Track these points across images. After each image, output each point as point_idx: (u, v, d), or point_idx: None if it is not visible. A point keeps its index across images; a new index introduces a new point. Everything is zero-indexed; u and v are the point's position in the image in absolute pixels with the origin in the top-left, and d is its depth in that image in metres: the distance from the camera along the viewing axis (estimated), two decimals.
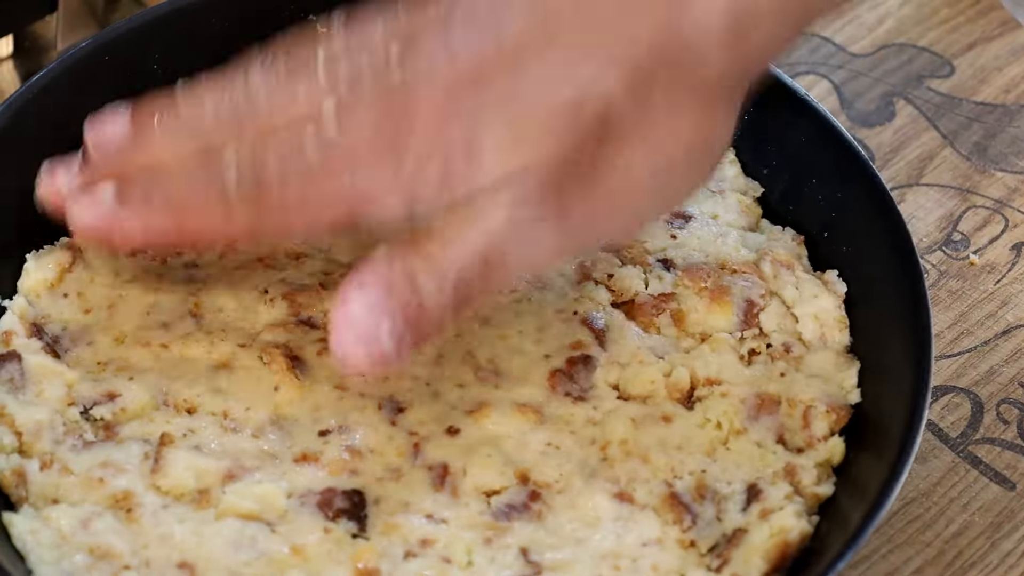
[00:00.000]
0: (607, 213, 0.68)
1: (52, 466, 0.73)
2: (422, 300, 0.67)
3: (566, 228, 0.67)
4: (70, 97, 0.83)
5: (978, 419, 0.86)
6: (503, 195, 0.66)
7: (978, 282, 0.92)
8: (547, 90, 0.65)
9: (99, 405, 0.75)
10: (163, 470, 0.73)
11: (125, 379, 0.76)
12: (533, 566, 0.71)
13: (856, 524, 0.68)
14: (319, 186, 0.68)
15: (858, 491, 0.72)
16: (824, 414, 0.76)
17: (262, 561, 0.70)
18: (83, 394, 0.76)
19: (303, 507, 0.72)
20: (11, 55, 1.02)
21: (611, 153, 0.66)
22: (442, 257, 0.67)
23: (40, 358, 0.77)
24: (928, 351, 0.74)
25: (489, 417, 0.76)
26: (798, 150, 0.85)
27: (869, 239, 0.80)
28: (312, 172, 0.68)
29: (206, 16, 0.87)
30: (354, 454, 0.74)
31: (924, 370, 0.73)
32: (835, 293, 0.81)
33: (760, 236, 0.85)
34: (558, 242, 0.68)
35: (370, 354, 0.67)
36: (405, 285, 0.67)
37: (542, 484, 0.74)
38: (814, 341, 0.79)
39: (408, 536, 0.71)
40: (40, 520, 0.71)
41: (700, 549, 0.71)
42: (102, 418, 0.75)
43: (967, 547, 0.80)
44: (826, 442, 0.75)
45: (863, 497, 0.70)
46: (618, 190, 0.67)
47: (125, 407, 0.75)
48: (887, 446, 0.71)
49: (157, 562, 0.69)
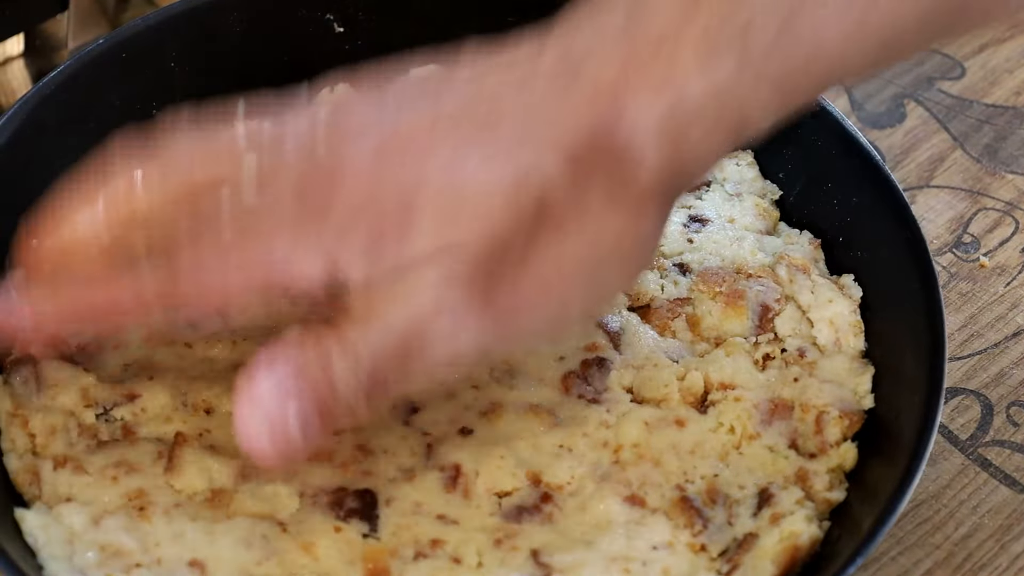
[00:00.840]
0: (534, 303, 0.65)
1: (66, 465, 0.73)
2: (334, 384, 0.64)
3: (492, 317, 0.64)
4: (87, 93, 0.84)
5: (988, 421, 0.86)
6: (432, 272, 0.63)
7: (988, 284, 0.92)
8: (486, 167, 0.63)
9: (119, 406, 0.76)
10: (177, 469, 0.73)
11: (145, 379, 0.77)
12: (543, 568, 0.71)
13: (867, 529, 0.68)
14: (235, 251, 0.64)
15: (869, 496, 0.72)
16: (837, 419, 0.76)
17: (273, 560, 0.70)
18: (103, 396, 0.76)
19: (314, 506, 0.72)
20: (22, 54, 1.02)
21: (544, 241, 0.64)
22: (360, 338, 0.64)
23: (55, 362, 0.77)
24: (941, 358, 0.73)
25: (502, 418, 0.76)
26: (813, 153, 0.85)
27: (884, 243, 0.80)
28: (228, 234, 0.64)
29: (223, 14, 0.87)
30: (367, 454, 0.74)
31: (937, 377, 0.72)
32: (851, 298, 0.81)
33: (777, 240, 0.85)
34: (481, 333, 0.65)
35: (274, 437, 0.64)
36: (317, 367, 0.64)
37: (554, 486, 0.74)
38: (829, 346, 0.79)
39: (419, 537, 0.72)
40: (51, 517, 0.71)
41: (711, 553, 0.72)
42: (122, 419, 0.75)
43: (977, 549, 0.80)
44: (838, 448, 0.75)
45: (874, 502, 0.70)
46: (547, 279, 0.64)
47: (145, 407, 0.76)
48: (898, 452, 0.71)
49: (168, 560, 0.70)
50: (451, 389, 0.77)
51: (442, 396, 0.77)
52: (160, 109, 0.86)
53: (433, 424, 0.76)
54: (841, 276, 0.82)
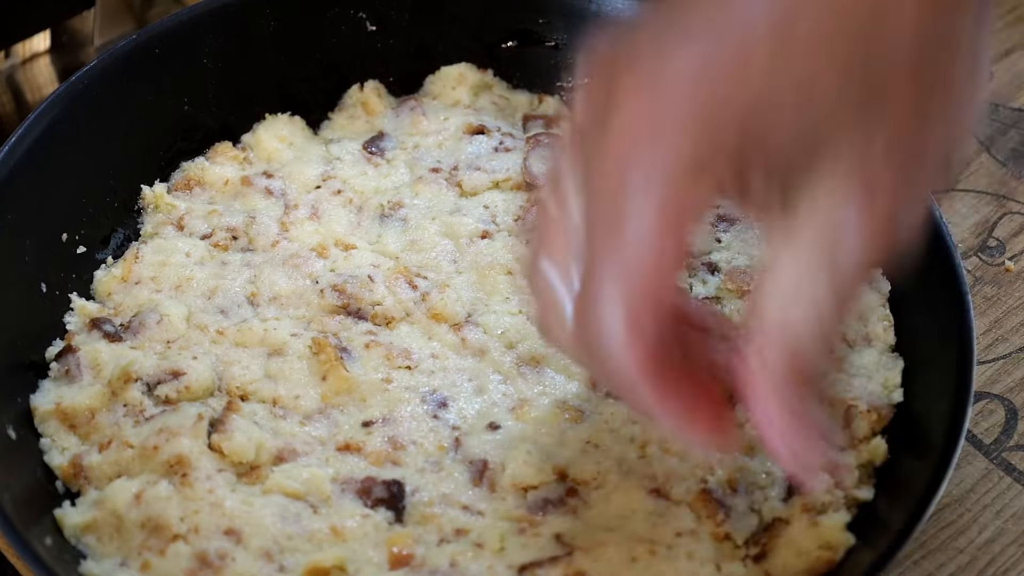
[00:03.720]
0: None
1: (111, 445, 0.74)
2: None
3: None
4: (119, 88, 0.85)
5: (1012, 426, 0.86)
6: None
7: (1013, 288, 0.92)
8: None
9: (163, 384, 0.77)
10: (227, 433, 0.74)
11: (190, 358, 0.78)
12: (566, 547, 0.71)
13: (893, 534, 0.68)
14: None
15: (897, 496, 0.72)
16: (864, 414, 0.76)
17: (304, 536, 0.71)
18: (148, 372, 0.77)
19: (344, 493, 0.73)
20: (48, 50, 1.03)
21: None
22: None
23: (97, 344, 0.78)
24: (970, 360, 0.73)
25: (530, 414, 0.76)
26: None
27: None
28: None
29: (257, 11, 0.88)
30: (396, 445, 0.75)
31: (966, 380, 0.72)
32: (879, 292, 0.81)
33: None
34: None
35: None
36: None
37: (580, 481, 0.74)
38: (858, 339, 0.79)
39: (444, 526, 0.73)
40: (95, 508, 0.72)
41: (736, 541, 0.72)
42: (166, 397, 0.76)
43: (1000, 554, 0.80)
44: (868, 443, 0.76)
45: (901, 504, 0.70)
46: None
47: (189, 385, 0.77)
48: (928, 451, 0.71)
49: (206, 528, 0.71)
50: (479, 384, 0.78)
51: (471, 391, 0.77)
52: (192, 105, 0.87)
53: (462, 419, 0.76)
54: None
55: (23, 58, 1.01)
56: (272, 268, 0.82)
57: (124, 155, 0.86)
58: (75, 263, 0.83)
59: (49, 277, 0.81)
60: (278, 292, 0.81)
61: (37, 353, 0.79)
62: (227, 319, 0.80)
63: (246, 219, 0.84)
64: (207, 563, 0.70)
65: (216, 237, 0.83)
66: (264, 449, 0.74)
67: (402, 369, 0.77)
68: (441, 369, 0.78)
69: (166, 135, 0.88)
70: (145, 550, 0.70)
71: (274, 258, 0.83)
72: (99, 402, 0.76)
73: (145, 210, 0.86)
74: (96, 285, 0.83)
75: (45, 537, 0.71)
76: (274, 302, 0.81)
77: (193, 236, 0.84)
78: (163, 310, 0.80)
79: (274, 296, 0.81)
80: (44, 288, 0.81)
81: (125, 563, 0.71)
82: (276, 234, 0.84)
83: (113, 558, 0.71)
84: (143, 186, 0.86)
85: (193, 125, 0.88)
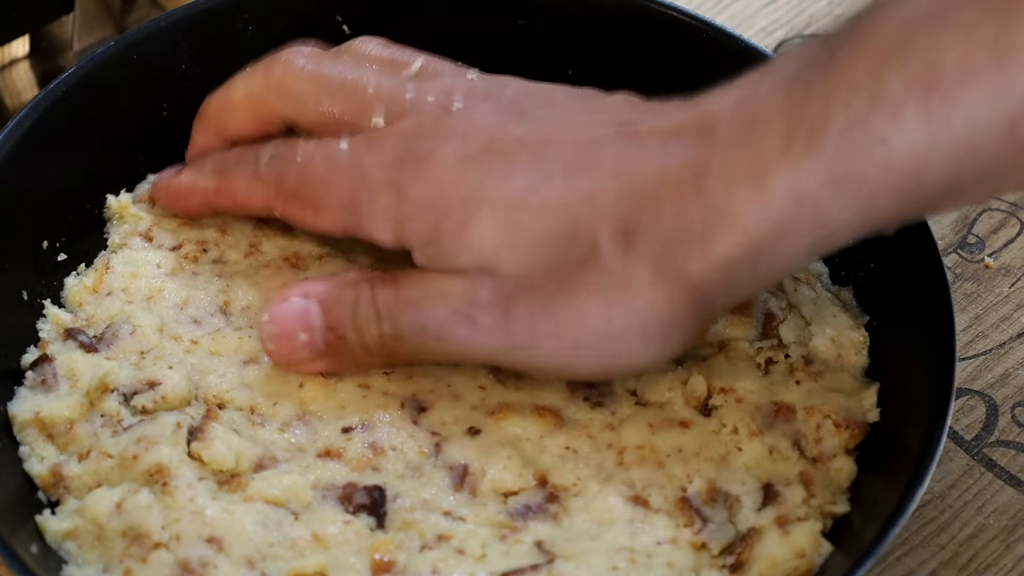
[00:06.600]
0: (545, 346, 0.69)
1: (90, 455, 0.74)
2: (356, 323, 0.73)
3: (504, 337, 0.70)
4: (98, 95, 0.84)
5: (993, 422, 0.86)
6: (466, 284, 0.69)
7: (993, 285, 0.93)
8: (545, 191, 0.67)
9: (139, 394, 0.77)
10: (207, 441, 0.74)
11: (165, 368, 0.78)
12: (547, 555, 0.72)
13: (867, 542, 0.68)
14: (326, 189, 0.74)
15: (869, 510, 0.72)
16: (834, 430, 0.75)
17: (285, 544, 0.71)
18: (124, 382, 0.77)
19: (325, 499, 0.74)
20: (27, 55, 1.03)
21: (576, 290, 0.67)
22: (393, 303, 0.72)
23: (73, 355, 0.78)
24: (952, 356, 0.74)
25: (509, 419, 0.76)
26: None
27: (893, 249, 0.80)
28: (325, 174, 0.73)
29: (234, 15, 0.87)
30: (376, 451, 0.75)
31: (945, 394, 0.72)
32: (854, 314, 0.81)
33: None
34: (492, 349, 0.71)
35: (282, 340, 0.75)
36: (348, 301, 0.73)
37: (559, 487, 0.75)
38: (831, 361, 0.79)
39: (425, 532, 0.73)
40: (76, 516, 0.72)
41: (712, 551, 0.72)
42: (143, 407, 0.76)
43: (982, 550, 0.80)
44: (835, 460, 0.75)
45: (874, 518, 0.70)
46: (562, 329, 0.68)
47: (166, 395, 0.76)
48: (903, 465, 0.71)
49: (187, 536, 0.71)
50: (458, 390, 0.78)
51: (450, 397, 0.77)
52: (171, 111, 0.87)
53: (441, 424, 0.77)
54: (845, 288, 0.82)
55: (2, 64, 1.01)
56: (244, 278, 0.82)
57: (105, 161, 0.85)
58: (56, 271, 0.82)
59: (32, 285, 0.81)
60: (251, 302, 0.81)
61: (14, 360, 0.79)
62: (200, 329, 0.80)
63: (216, 232, 0.84)
64: (189, 570, 0.70)
65: (185, 249, 0.83)
66: (244, 457, 0.74)
67: (379, 375, 0.77)
68: (419, 374, 0.78)
69: (146, 142, 0.87)
70: (127, 558, 0.70)
71: (246, 269, 0.82)
72: (77, 413, 0.76)
73: (111, 220, 0.85)
74: (67, 294, 0.82)
75: (31, 544, 0.71)
76: (247, 311, 0.81)
77: (162, 248, 0.83)
78: (135, 321, 0.79)
79: (247, 306, 0.81)
80: (25, 296, 0.81)
81: (107, 570, 0.71)
82: (248, 246, 0.83)
83: (95, 565, 0.71)
84: (108, 196, 0.85)
85: (172, 131, 0.87)
